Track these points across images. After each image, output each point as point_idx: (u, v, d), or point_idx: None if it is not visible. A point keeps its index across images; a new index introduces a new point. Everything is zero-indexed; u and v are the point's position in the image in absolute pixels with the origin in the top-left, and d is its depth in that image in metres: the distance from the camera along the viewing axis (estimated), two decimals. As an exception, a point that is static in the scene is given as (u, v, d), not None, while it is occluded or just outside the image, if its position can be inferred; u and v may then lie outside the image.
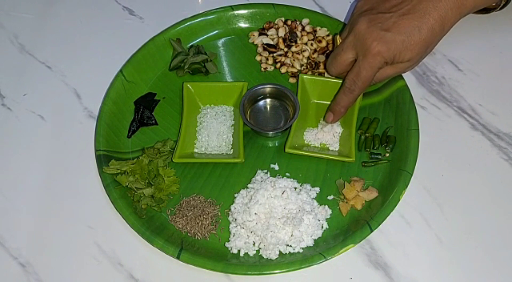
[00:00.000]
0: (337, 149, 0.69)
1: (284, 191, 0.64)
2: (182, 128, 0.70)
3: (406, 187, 0.64)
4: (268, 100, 0.73)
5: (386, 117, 0.71)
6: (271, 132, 0.70)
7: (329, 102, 0.72)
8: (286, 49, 0.77)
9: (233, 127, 0.71)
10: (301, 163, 0.68)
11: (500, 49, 0.78)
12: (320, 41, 0.76)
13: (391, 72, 0.67)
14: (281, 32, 0.77)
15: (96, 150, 0.69)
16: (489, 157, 0.69)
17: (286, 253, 0.62)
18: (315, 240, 0.63)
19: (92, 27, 0.82)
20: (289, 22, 0.78)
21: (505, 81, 0.75)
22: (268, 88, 0.72)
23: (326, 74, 0.74)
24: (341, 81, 0.72)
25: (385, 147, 0.69)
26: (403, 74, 0.72)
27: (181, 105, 0.72)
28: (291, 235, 0.62)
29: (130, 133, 0.72)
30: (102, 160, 0.68)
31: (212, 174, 0.69)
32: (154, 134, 0.72)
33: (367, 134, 0.70)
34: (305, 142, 0.71)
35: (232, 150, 0.70)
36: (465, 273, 0.62)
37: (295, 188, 0.65)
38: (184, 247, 0.62)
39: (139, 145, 0.71)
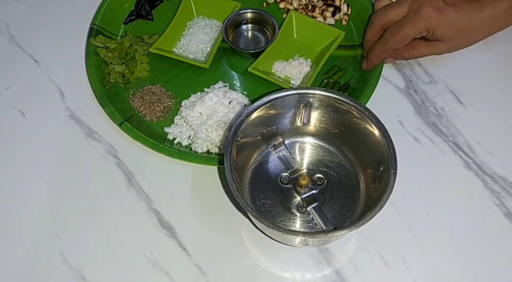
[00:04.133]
0: (296, 84, 0.74)
1: (231, 101, 0.69)
2: (170, 26, 0.77)
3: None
4: (252, 25, 0.78)
5: (355, 71, 0.74)
6: (244, 51, 0.75)
7: (309, 44, 0.76)
8: (289, -13, 0.81)
9: (215, 40, 0.77)
10: (260, 87, 0.73)
11: (506, 84, 0.72)
12: (322, -14, 0.80)
13: (426, 51, 0.71)
14: (290, -29, 0.81)
15: (91, 23, 0.77)
16: (480, 200, 0.64)
17: (212, 152, 0.68)
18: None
19: (83, 23, 0.78)
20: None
21: (507, 119, 0.70)
22: (255, 14, 0.77)
23: (318, 19, 0.78)
24: (328, 26, 0.76)
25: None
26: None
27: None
28: (222, 138, 0.68)
29: (127, 20, 0.80)
30: (94, 33, 0.76)
31: (181, 73, 0.75)
32: (148, 29, 0.79)
33: (330, 80, 0.73)
34: (272, 70, 0.75)
35: (204, 58, 0.76)
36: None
37: (245, 105, 0.71)
38: (130, 120, 0.69)
39: (131, 33, 0.78)
